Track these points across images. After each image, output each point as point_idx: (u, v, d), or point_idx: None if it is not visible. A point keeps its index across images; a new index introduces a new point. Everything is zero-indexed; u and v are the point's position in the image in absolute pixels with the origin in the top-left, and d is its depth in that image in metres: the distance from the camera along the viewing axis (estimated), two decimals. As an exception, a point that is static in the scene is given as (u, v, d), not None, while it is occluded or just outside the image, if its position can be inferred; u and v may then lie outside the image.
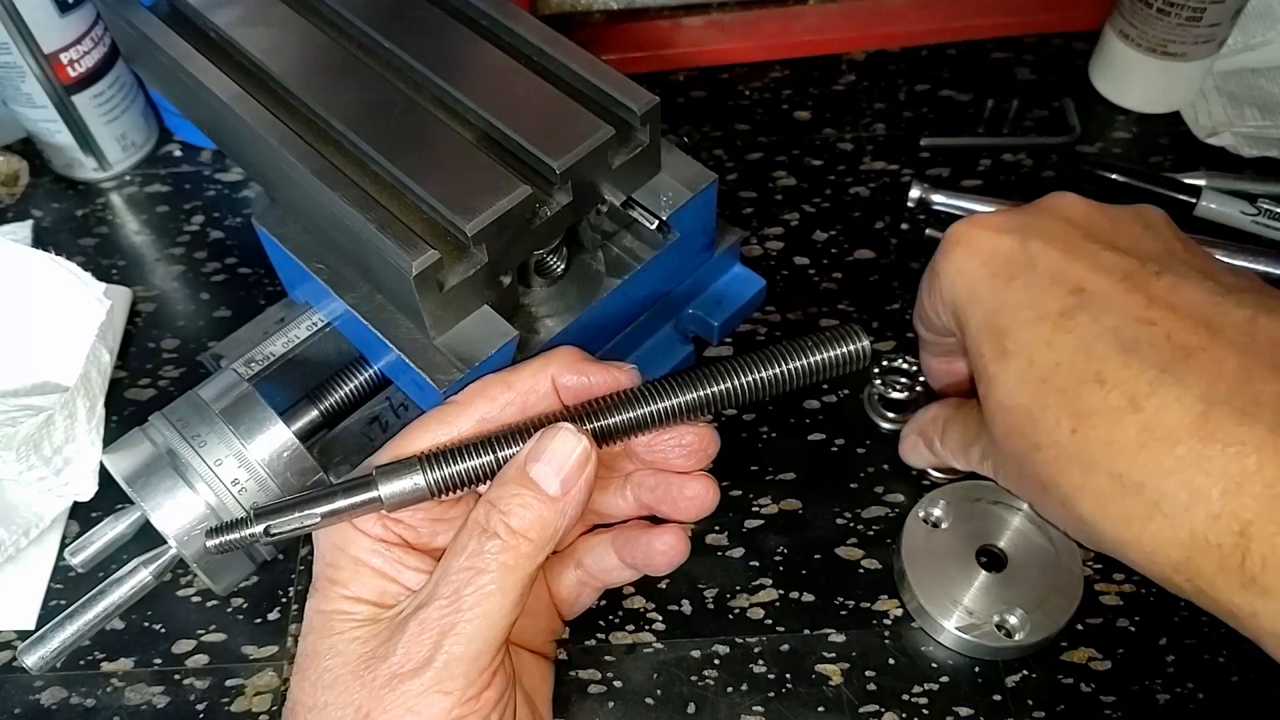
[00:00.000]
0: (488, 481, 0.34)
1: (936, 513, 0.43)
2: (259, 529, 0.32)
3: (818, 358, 0.35)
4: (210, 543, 0.33)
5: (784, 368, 0.35)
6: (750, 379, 0.35)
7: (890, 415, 0.47)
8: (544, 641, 0.39)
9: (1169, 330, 0.30)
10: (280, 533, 0.32)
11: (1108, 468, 0.30)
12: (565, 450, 0.32)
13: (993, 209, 0.35)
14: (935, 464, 0.44)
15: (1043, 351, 0.32)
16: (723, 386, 0.35)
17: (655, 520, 0.39)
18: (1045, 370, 0.32)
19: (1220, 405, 0.28)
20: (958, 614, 0.41)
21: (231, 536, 0.32)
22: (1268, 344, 0.29)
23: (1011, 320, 0.33)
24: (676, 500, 0.37)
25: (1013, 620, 0.40)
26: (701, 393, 0.35)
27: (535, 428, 0.34)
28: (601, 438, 0.34)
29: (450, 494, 0.33)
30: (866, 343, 0.35)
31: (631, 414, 0.34)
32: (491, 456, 0.33)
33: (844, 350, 0.35)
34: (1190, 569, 0.29)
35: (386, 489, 0.32)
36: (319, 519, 0.32)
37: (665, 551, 0.37)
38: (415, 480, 0.33)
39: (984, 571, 0.42)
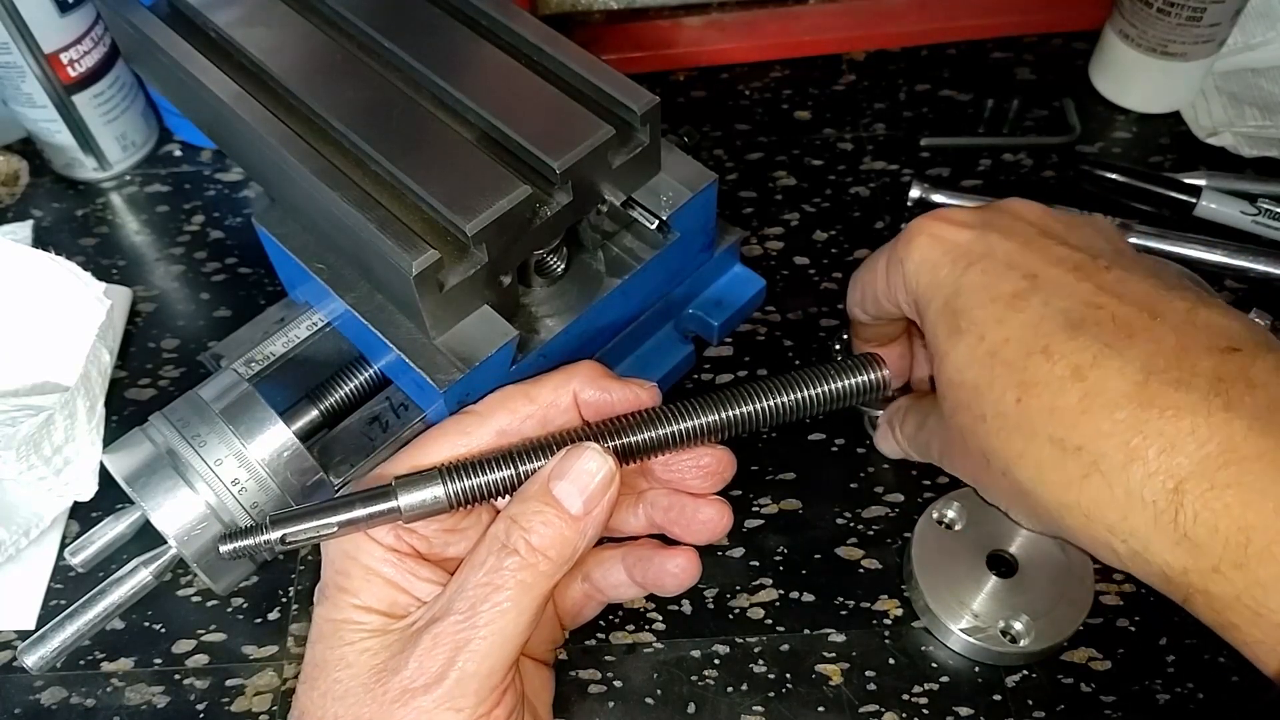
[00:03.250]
0: (508, 495, 0.33)
1: (950, 514, 0.43)
2: (274, 536, 0.32)
3: (838, 385, 0.36)
4: (224, 548, 0.32)
5: (805, 393, 0.35)
6: (771, 403, 0.35)
7: None
8: (545, 650, 0.39)
9: (1114, 313, 0.31)
10: (296, 541, 0.32)
11: (1049, 434, 0.31)
12: (590, 470, 0.32)
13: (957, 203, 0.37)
14: (902, 454, 0.45)
15: (993, 328, 0.33)
16: (744, 410, 0.35)
17: (665, 540, 0.39)
18: (995, 345, 0.33)
19: (1158, 374, 0.29)
20: (965, 617, 0.41)
21: (246, 543, 0.32)
22: (1205, 328, 0.30)
23: (967, 301, 0.34)
24: (690, 523, 0.37)
25: (1018, 626, 0.40)
26: (723, 415, 0.35)
27: (557, 443, 0.33)
28: (622, 456, 0.34)
29: (469, 506, 0.33)
30: (887, 372, 0.36)
31: (653, 433, 0.34)
32: (513, 471, 0.33)
33: (864, 379, 0.36)
34: (1126, 529, 0.29)
35: (406, 500, 0.32)
36: (336, 528, 0.32)
37: (677, 574, 0.37)
38: (435, 492, 0.32)
39: (994, 576, 0.42)
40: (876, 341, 0.44)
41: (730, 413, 0.35)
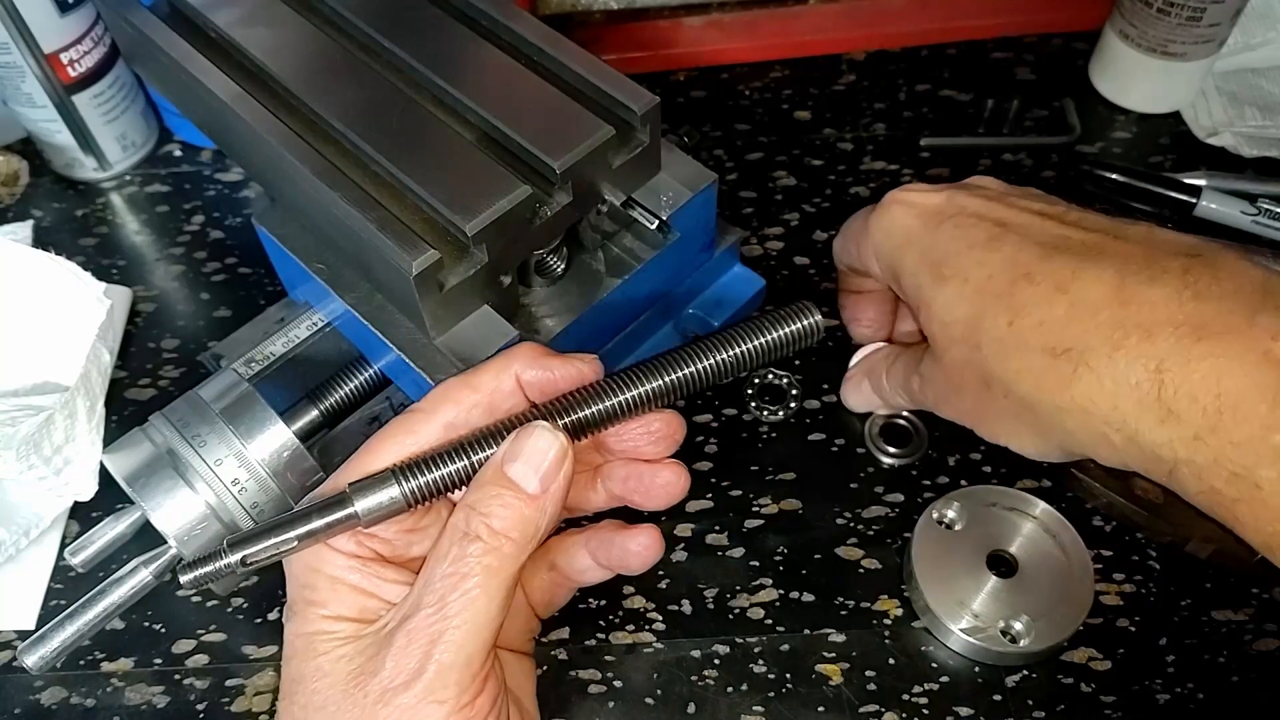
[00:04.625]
0: (464, 487, 0.33)
1: (950, 514, 0.43)
2: (234, 559, 0.31)
3: (773, 335, 0.36)
4: (184, 578, 0.32)
5: (743, 348, 0.36)
6: (713, 361, 0.36)
7: (891, 449, 0.47)
8: (523, 640, 0.39)
9: (1083, 239, 0.35)
10: (257, 561, 0.32)
11: (1040, 345, 0.34)
12: (542, 448, 0.32)
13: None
14: (873, 405, 0.47)
15: (975, 269, 0.36)
16: (688, 371, 0.35)
17: (630, 517, 0.38)
18: (980, 282, 0.36)
19: (1132, 276, 0.33)
20: (965, 617, 0.41)
21: (206, 570, 0.32)
22: (1166, 241, 0.34)
23: (945, 251, 0.37)
24: (649, 489, 0.37)
25: (1018, 626, 0.40)
26: (669, 378, 0.35)
27: (507, 428, 0.33)
28: (574, 432, 0.34)
29: (427, 503, 0.33)
30: (818, 317, 0.37)
31: (600, 406, 0.34)
32: (466, 461, 0.33)
33: (797, 326, 0.37)
34: (1117, 417, 0.32)
35: (363, 504, 0.32)
36: (296, 543, 0.32)
37: (640, 552, 0.37)
38: (391, 493, 0.32)
39: (994, 576, 0.42)
40: (861, 290, 0.47)
41: (674, 376, 0.35)
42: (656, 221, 0.39)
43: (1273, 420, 0.29)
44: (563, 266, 0.42)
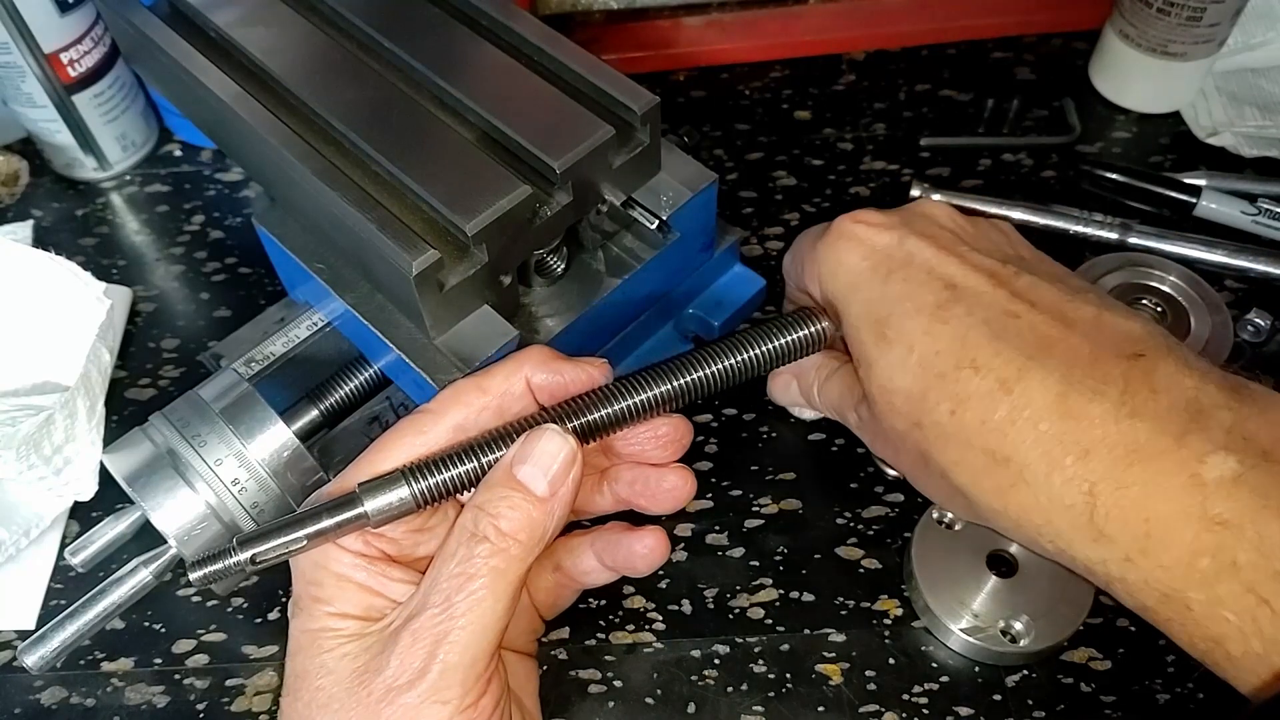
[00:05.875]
0: (473, 488, 0.33)
1: (950, 514, 0.43)
2: (244, 557, 0.32)
3: (783, 340, 0.37)
4: (194, 575, 0.32)
5: (753, 353, 0.37)
6: (722, 366, 0.36)
7: None
8: (526, 641, 0.39)
9: (1032, 323, 0.34)
10: (266, 560, 0.32)
11: (982, 445, 0.33)
12: (552, 450, 0.32)
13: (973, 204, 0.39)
14: (799, 404, 0.45)
15: (922, 340, 0.35)
16: (697, 375, 0.36)
17: (634, 520, 0.39)
18: (925, 357, 0.35)
19: (1076, 386, 0.32)
20: (965, 617, 0.41)
21: (216, 567, 0.32)
22: (1111, 335, 0.33)
23: (891, 310, 0.36)
24: (655, 492, 0.37)
25: (1018, 626, 0.40)
26: (678, 383, 0.35)
27: (516, 431, 0.33)
28: (583, 435, 0.34)
29: (435, 504, 0.33)
30: (827, 323, 0.37)
31: (609, 410, 0.34)
32: (475, 463, 0.33)
33: (807, 332, 0.37)
34: (1051, 531, 0.33)
35: (372, 505, 0.32)
36: (305, 542, 0.32)
37: (646, 554, 0.37)
38: (401, 494, 0.32)
39: (994, 576, 0.42)
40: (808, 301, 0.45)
41: (683, 380, 0.35)
42: (656, 221, 0.39)
43: (1198, 545, 0.30)
44: (563, 266, 0.42)
